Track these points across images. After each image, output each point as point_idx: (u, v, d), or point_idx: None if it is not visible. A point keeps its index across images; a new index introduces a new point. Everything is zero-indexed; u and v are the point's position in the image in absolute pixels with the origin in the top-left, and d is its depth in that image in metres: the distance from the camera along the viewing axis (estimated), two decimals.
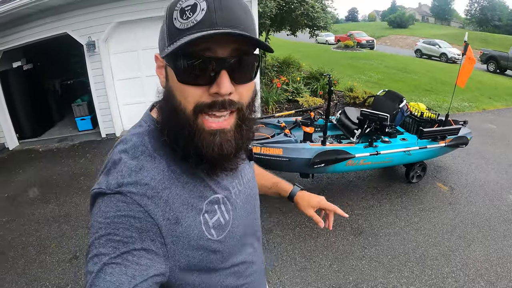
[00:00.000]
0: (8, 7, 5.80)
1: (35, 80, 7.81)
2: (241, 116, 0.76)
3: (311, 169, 3.93)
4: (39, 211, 4.59)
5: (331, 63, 15.26)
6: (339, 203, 4.20)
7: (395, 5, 72.67)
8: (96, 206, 0.70)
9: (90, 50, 6.50)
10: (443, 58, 21.12)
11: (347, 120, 4.77)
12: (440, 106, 9.13)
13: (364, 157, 4.02)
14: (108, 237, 0.65)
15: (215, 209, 0.83)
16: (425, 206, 4.27)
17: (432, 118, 4.65)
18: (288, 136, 4.10)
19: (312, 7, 9.48)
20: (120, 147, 0.78)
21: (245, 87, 0.74)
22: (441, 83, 12.38)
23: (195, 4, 0.66)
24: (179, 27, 0.67)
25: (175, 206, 0.73)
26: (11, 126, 7.45)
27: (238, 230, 0.90)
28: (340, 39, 27.35)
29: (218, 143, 0.72)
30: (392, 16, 52.06)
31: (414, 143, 4.36)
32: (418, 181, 4.85)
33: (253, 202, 1.03)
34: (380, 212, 4.14)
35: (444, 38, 27.57)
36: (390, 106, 4.72)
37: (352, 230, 3.81)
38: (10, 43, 6.74)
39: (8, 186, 5.48)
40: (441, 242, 3.63)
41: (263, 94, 7.93)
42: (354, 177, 4.98)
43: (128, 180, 0.70)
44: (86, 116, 7.71)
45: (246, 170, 1.02)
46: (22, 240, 3.98)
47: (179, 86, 0.70)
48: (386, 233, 3.76)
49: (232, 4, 0.68)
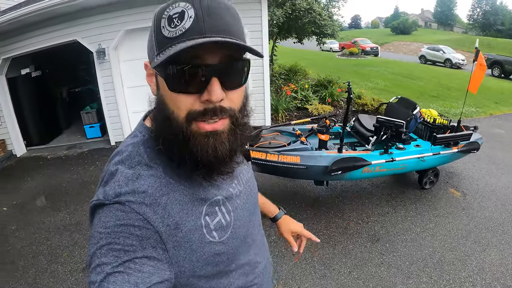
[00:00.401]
0: (17, 14, 5.83)
1: (43, 87, 7.83)
2: (234, 121, 0.75)
3: (328, 177, 3.90)
4: (49, 219, 4.54)
5: (337, 70, 15.27)
6: (354, 211, 4.25)
7: (398, 12, 72.76)
8: (96, 217, 0.71)
9: (100, 57, 6.50)
10: (448, 64, 21.09)
11: (362, 127, 4.75)
12: (448, 112, 9.09)
13: (379, 164, 4.00)
14: (109, 247, 0.65)
15: (216, 211, 0.83)
16: (439, 212, 4.25)
17: (444, 124, 4.64)
18: (304, 144, 4.08)
19: (319, 14, 9.46)
20: (116, 159, 0.79)
21: (236, 93, 0.74)
22: (447, 88, 12.38)
23: (182, 12, 0.65)
24: (167, 36, 0.66)
25: (174, 212, 0.74)
26: (19, 133, 7.45)
27: (240, 230, 0.90)
28: (344, 46, 27.38)
29: (212, 145, 0.71)
30: (395, 22, 52.15)
31: (427, 149, 4.34)
32: (431, 187, 4.82)
33: (253, 201, 1.04)
34: (395, 219, 4.11)
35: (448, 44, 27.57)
36: (403, 113, 4.70)
37: (369, 237, 3.78)
38: (19, 50, 6.76)
39: (16, 194, 5.45)
40: (457, 247, 3.62)
41: (273, 102, 7.87)
42: (368, 184, 4.95)
43: (126, 189, 0.71)
44: (95, 123, 7.70)
45: (245, 171, 1.03)
46: (32, 249, 3.93)
47: (170, 94, 0.70)
48: (403, 240, 3.74)
49: (220, 10, 0.67)
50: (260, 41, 6.66)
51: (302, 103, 8.53)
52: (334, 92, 9.11)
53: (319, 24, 9.66)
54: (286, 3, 9.43)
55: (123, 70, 6.80)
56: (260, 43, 6.62)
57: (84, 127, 7.74)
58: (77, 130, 8.46)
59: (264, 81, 6.94)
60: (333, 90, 9.14)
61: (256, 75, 6.86)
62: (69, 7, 5.93)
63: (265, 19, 6.52)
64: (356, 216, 4.17)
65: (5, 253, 3.93)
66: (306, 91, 8.99)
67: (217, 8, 0.67)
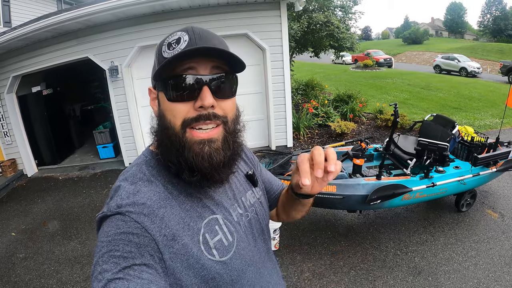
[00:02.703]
0: (26, 30, 5.78)
1: (55, 105, 7.76)
2: (227, 129, 0.83)
3: (367, 206, 3.63)
4: (59, 248, 4.36)
5: (353, 83, 15.26)
6: (391, 240, 3.99)
7: (408, 21, 73.13)
8: (101, 229, 0.75)
9: (112, 75, 6.32)
10: (463, 73, 20.79)
11: (398, 149, 4.47)
12: (472, 124, 8.75)
13: (420, 190, 3.74)
14: (110, 254, 0.67)
15: (216, 230, 0.85)
16: (479, 238, 3.98)
17: (483, 142, 4.40)
18: (340, 171, 3.75)
19: (337, 27, 9.27)
20: (121, 177, 0.86)
21: (226, 103, 0.83)
22: (468, 99, 12.07)
23: (179, 38, 0.79)
24: (166, 56, 0.78)
25: (171, 224, 0.77)
26: (30, 152, 7.36)
27: (245, 252, 0.91)
28: (357, 58, 27.40)
29: (207, 152, 0.78)
30: (406, 32, 52.51)
31: (467, 171, 4.08)
32: (468, 209, 4.56)
33: (259, 226, 1.03)
34: (435, 247, 3.84)
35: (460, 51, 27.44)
36: (441, 132, 4.44)
37: (410, 270, 3.49)
38: (30, 67, 6.67)
39: (26, 217, 5.32)
40: (502, 276, 3.35)
41: (294, 120, 7.57)
42: (402, 209, 4.66)
43: (127, 202, 0.76)
44: (108, 143, 7.53)
45: (248, 195, 1.04)
46: (41, 282, 3.76)
47: (169, 105, 0.80)
48: (445, 271, 3.46)
49: (209, 36, 0.81)
50: (281, 56, 6.47)
51: (324, 120, 8.24)
52: (355, 107, 8.85)
53: (337, 37, 9.49)
54: (303, 16, 9.33)
55: (136, 88, 6.63)
56: (280, 59, 6.44)
57: (97, 147, 7.60)
58: (90, 150, 8.35)
59: (286, 98, 6.71)
60: (354, 105, 8.88)
61: (277, 92, 6.67)
62: (79, 23, 5.82)
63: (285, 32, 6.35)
64: (393, 246, 3.86)
65: (13, 284, 3.78)
66: (327, 107, 8.75)
67: (207, 35, 0.81)
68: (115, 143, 7.47)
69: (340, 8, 10.85)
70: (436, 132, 4.56)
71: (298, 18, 9.31)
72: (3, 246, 4.56)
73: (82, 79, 9.56)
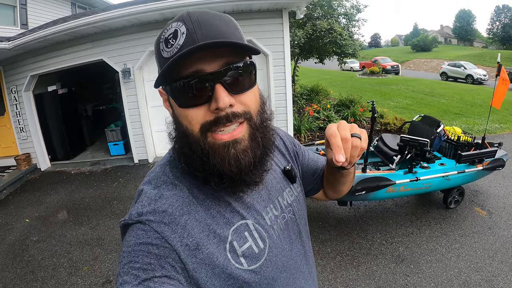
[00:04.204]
0: (45, 33, 6.13)
1: (69, 104, 8.08)
2: (253, 125, 0.73)
3: (352, 197, 3.85)
4: (71, 232, 4.63)
5: (358, 89, 15.28)
6: (378, 231, 4.18)
7: (417, 29, 72.64)
8: (124, 237, 0.72)
9: (125, 77, 6.67)
10: (469, 80, 20.81)
11: (385, 147, 4.70)
12: (471, 129, 8.90)
13: (404, 184, 3.94)
14: (130, 265, 0.65)
15: (246, 236, 0.78)
16: (464, 232, 4.14)
17: (469, 142, 4.57)
18: None
19: (340, 34, 9.50)
20: (145, 179, 0.81)
21: (247, 96, 0.72)
22: (470, 105, 12.17)
23: (175, 31, 0.67)
24: (166, 56, 0.68)
25: (195, 232, 0.72)
26: (44, 147, 7.73)
27: (278, 259, 0.84)
28: (365, 65, 27.36)
29: (234, 155, 0.69)
30: (415, 40, 52.03)
31: (452, 168, 4.26)
32: (456, 206, 4.70)
33: (297, 228, 0.96)
34: (420, 239, 4.02)
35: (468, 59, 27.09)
36: (427, 131, 4.64)
37: (393, 258, 3.69)
38: (46, 68, 7.06)
39: (39, 206, 5.60)
40: (483, 267, 3.51)
41: (295, 122, 7.88)
42: (392, 204, 4.86)
43: (147, 209, 0.71)
44: (119, 141, 7.86)
45: (286, 194, 0.96)
46: (53, 261, 4.01)
47: (181, 111, 0.71)
48: (428, 260, 3.64)
49: (211, 20, 0.68)
50: (283, 61, 6.72)
51: (325, 123, 8.49)
52: (357, 112, 9.07)
53: (340, 44, 9.70)
54: (307, 24, 9.52)
55: (147, 90, 6.96)
56: (282, 64, 6.69)
57: (108, 145, 7.92)
58: (101, 147, 8.66)
59: (287, 101, 6.96)
60: (355, 110, 9.11)
61: (279, 95, 6.91)
62: (95, 27, 6.19)
63: (287, 39, 6.61)
64: (380, 237, 4.08)
65: (26, 263, 4.06)
66: (328, 111, 8.99)
67: (208, 19, 0.68)
68: (125, 141, 7.77)
69: (344, 16, 11.03)
70: (423, 131, 4.75)
71: (303, 26, 9.52)
72: (17, 230, 4.85)
73: (95, 81, 9.87)
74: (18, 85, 7.27)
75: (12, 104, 7.43)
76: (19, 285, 3.66)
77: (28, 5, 9.67)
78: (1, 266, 4.05)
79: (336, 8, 10.79)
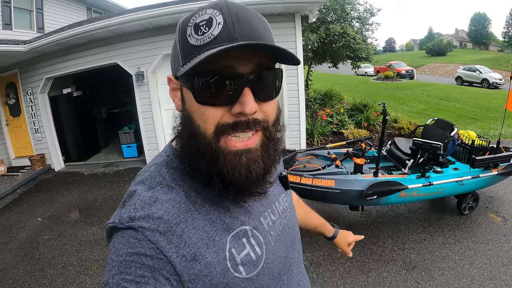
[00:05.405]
0: (60, 37, 6.26)
1: (83, 107, 8.21)
2: (267, 135, 0.70)
3: (363, 201, 3.79)
4: (81, 232, 4.68)
5: (372, 94, 15.19)
6: (390, 237, 4.09)
7: (432, 33, 71.77)
8: (112, 241, 0.67)
9: (139, 80, 6.72)
10: (485, 84, 20.49)
11: (398, 151, 4.63)
12: (487, 133, 8.70)
13: (416, 188, 3.86)
14: (121, 277, 0.60)
15: (243, 243, 0.75)
16: (478, 239, 4.01)
17: (483, 146, 4.46)
18: (339, 168, 3.99)
19: (353, 38, 9.47)
20: (137, 178, 0.76)
21: (269, 105, 0.69)
22: (486, 110, 11.96)
23: (210, 19, 0.61)
24: (194, 44, 0.62)
25: (192, 242, 0.67)
26: (58, 148, 7.87)
27: (274, 266, 0.81)
28: (379, 70, 27.12)
29: (245, 164, 0.66)
30: (429, 44, 51.44)
31: (466, 173, 4.15)
32: (470, 212, 4.57)
33: (291, 234, 0.93)
34: (432, 246, 3.91)
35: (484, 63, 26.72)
36: (441, 135, 4.55)
37: (404, 265, 3.60)
38: (61, 70, 7.20)
39: (52, 206, 5.70)
40: (497, 275, 3.38)
41: (308, 127, 7.82)
42: (404, 210, 4.77)
43: (141, 214, 0.66)
44: (132, 143, 7.94)
45: (282, 199, 0.95)
46: (62, 259, 4.06)
47: (197, 107, 0.65)
48: (440, 268, 3.54)
49: (250, 18, 0.64)
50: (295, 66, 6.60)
51: (338, 127, 8.45)
52: (370, 116, 9.00)
53: (353, 48, 9.67)
54: (320, 28, 9.51)
55: (160, 93, 7.01)
56: (295, 68, 6.65)
57: (122, 147, 8.00)
58: (115, 149, 8.76)
59: (300, 105, 6.91)
60: (368, 114, 9.04)
61: (291, 99, 6.87)
62: (109, 31, 6.28)
63: (299, 43, 6.58)
64: (391, 243, 3.99)
65: (36, 260, 4.11)
66: (342, 116, 8.93)
67: (247, 16, 0.63)
68: (138, 143, 7.84)
69: (357, 20, 11.00)
70: (436, 135, 4.64)
71: (316, 30, 9.51)
72: (29, 229, 4.93)
73: (110, 84, 9.98)
74: (34, 87, 7.42)
75: (28, 105, 7.58)
76: (28, 282, 3.70)
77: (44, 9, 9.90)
78: (12, 263, 4.11)
79: (349, 12, 10.75)
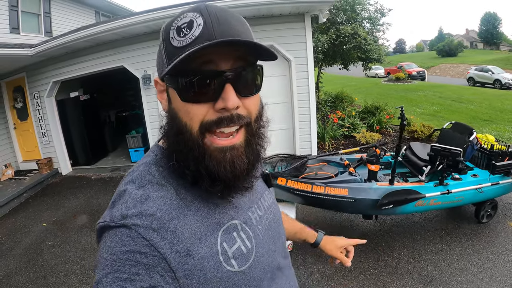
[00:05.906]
0: (66, 40, 6.21)
1: (91, 110, 8.17)
2: (250, 131, 0.73)
3: (378, 211, 3.62)
4: (86, 239, 4.62)
5: (383, 96, 15.06)
6: (405, 248, 3.93)
7: (442, 33, 71.42)
8: (103, 240, 0.66)
9: (145, 83, 6.66)
10: (497, 85, 20.15)
11: (414, 156, 4.44)
12: (502, 136, 8.46)
13: (434, 197, 3.67)
14: (115, 275, 0.60)
15: (234, 237, 0.77)
16: (498, 249, 3.82)
17: (503, 151, 4.21)
18: (353, 175, 3.84)
19: (364, 39, 9.29)
20: (127, 178, 0.76)
21: (251, 100, 0.71)
22: (500, 111, 11.71)
23: (191, 21, 0.64)
24: (177, 46, 0.65)
25: (185, 237, 0.68)
26: (66, 152, 7.84)
27: (264, 259, 0.83)
28: (390, 71, 26.98)
29: (230, 160, 0.68)
30: (440, 44, 51.17)
31: (486, 179, 3.95)
32: (488, 220, 4.38)
33: (277, 228, 0.96)
34: (450, 257, 3.73)
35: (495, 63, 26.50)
36: (459, 139, 4.36)
37: (421, 278, 3.42)
38: (69, 74, 7.17)
39: (57, 211, 5.65)
40: None
41: (319, 130, 7.66)
42: (420, 218, 4.58)
43: (133, 211, 0.66)
44: (139, 147, 7.88)
45: (266, 196, 0.98)
46: (65, 267, 4.00)
47: (183, 106, 0.67)
48: (458, 281, 3.34)
49: (229, 18, 0.66)
50: (306, 67, 6.56)
51: (350, 131, 8.26)
52: (382, 119, 8.78)
53: (364, 49, 9.49)
54: (331, 29, 9.39)
55: None
56: (305, 69, 6.54)
57: (129, 151, 7.94)
58: (123, 153, 8.72)
59: (310, 108, 6.78)
60: (381, 117, 8.83)
61: (302, 102, 6.75)
62: (115, 34, 6.22)
63: (309, 44, 6.45)
64: (407, 254, 3.81)
65: (39, 267, 4.06)
66: (353, 119, 8.75)
67: (226, 17, 0.66)
68: (146, 148, 7.77)
69: (368, 20, 10.84)
70: (454, 139, 4.48)
71: (326, 31, 9.38)
72: (34, 234, 4.89)
73: (118, 87, 9.97)
74: (41, 91, 7.40)
75: (35, 109, 7.57)
76: None
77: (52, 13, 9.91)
78: (15, 269, 4.07)
79: (359, 13, 10.59)
